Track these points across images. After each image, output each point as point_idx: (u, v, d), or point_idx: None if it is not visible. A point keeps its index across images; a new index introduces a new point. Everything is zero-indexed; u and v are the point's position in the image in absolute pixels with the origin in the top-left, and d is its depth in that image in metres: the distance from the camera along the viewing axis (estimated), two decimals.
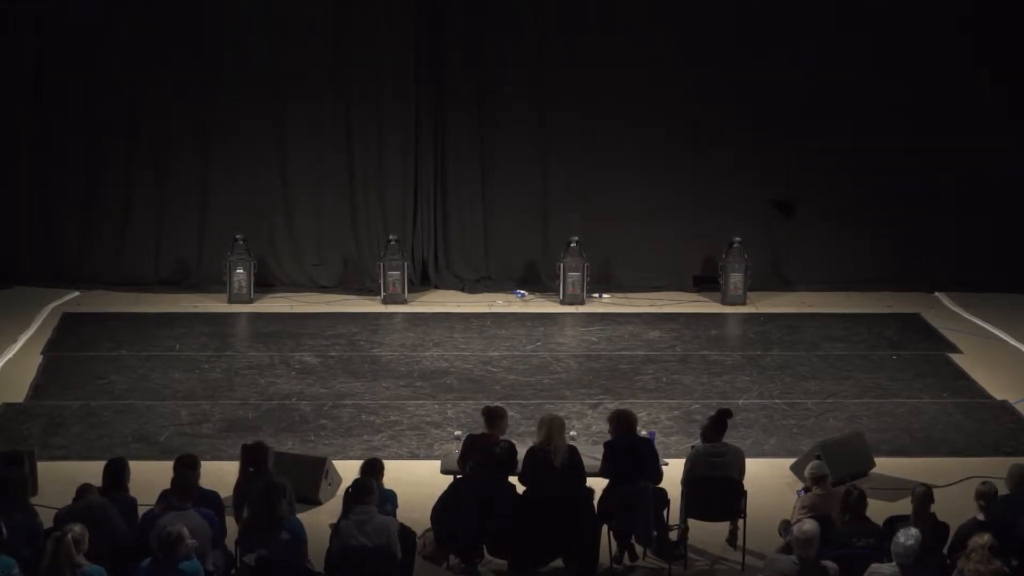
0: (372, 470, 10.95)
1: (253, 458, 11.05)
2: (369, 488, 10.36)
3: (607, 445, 11.41)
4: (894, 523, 10.28)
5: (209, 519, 10.06)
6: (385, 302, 18.88)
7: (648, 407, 14.66)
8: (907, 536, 9.42)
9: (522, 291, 19.54)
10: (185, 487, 10.20)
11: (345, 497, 10.50)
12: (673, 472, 11.62)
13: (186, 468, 10.61)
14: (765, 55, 19.22)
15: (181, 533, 9.38)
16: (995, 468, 12.71)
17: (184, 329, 17.69)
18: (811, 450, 12.96)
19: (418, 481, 12.46)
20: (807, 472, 11.34)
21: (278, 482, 10.31)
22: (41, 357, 16.54)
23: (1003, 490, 10.78)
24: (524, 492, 11.20)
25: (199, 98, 19.26)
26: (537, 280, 19.74)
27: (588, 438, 13.62)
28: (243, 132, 19.36)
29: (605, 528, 11.29)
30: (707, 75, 19.28)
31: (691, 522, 11.46)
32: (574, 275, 18.95)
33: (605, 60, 19.22)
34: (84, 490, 10.33)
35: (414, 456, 13.61)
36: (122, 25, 18.96)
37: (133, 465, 10.84)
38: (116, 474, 10.60)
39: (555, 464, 11.05)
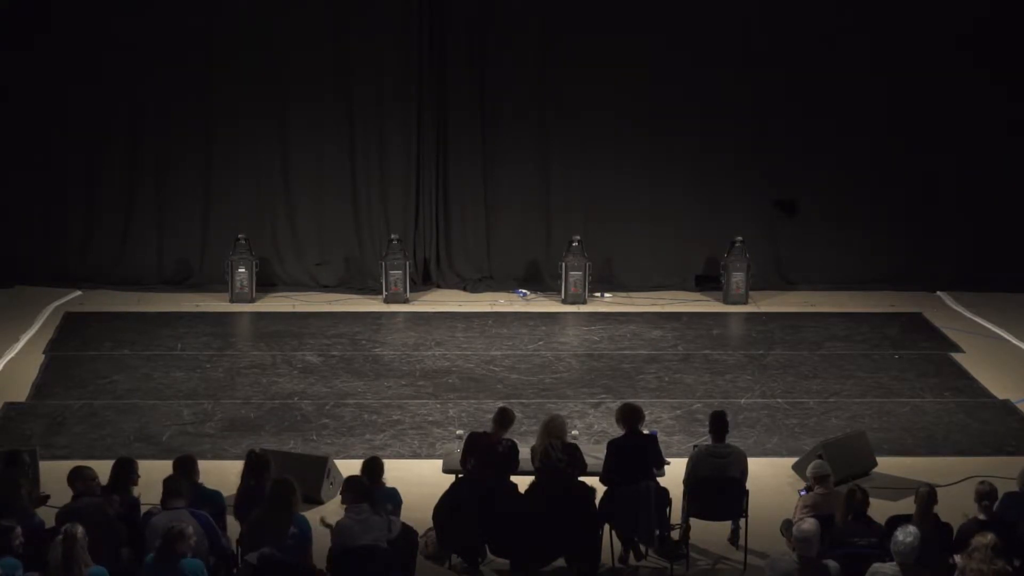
0: (371, 469, 10.96)
1: (256, 468, 10.98)
2: (359, 486, 10.38)
3: (611, 444, 11.40)
4: (896, 523, 10.28)
5: (202, 520, 10.05)
6: (387, 301, 18.88)
7: (650, 406, 14.61)
8: (906, 534, 9.43)
9: (524, 290, 19.54)
10: (176, 488, 10.19)
11: (341, 497, 10.52)
12: (675, 471, 11.62)
13: (179, 469, 10.61)
14: (767, 55, 19.22)
15: (183, 530, 9.39)
16: (997, 468, 12.73)
17: (186, 328, 17.70)
18: (813, 449, 12.96)
19: (420, 480, 12.46)
20: (809, 471, 11.35)
21: (290, 481, 10.31)
22: (43, 356, 16.54)
23: (1009, 488, 10.79)
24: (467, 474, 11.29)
25: (201, 98, 19.26)
26: (539, 279, 19.73)
27: (590, 437, 13.63)
28: (245, 132, 19.37)
29: (607, 527, 11.29)
30: (709, 75, 19.27)
31: (693, 521, 11.47)
32: (576, 274, 18.94)
33: (607, 60, 19.20)
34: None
35: (416, 455, 13.62)
36: (124, 24, 18.95)
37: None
38: (121, 473, 10.61)
39: (535, 464, 11.11)
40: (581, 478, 11.26)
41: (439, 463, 12.12)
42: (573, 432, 12.74)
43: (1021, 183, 19.43)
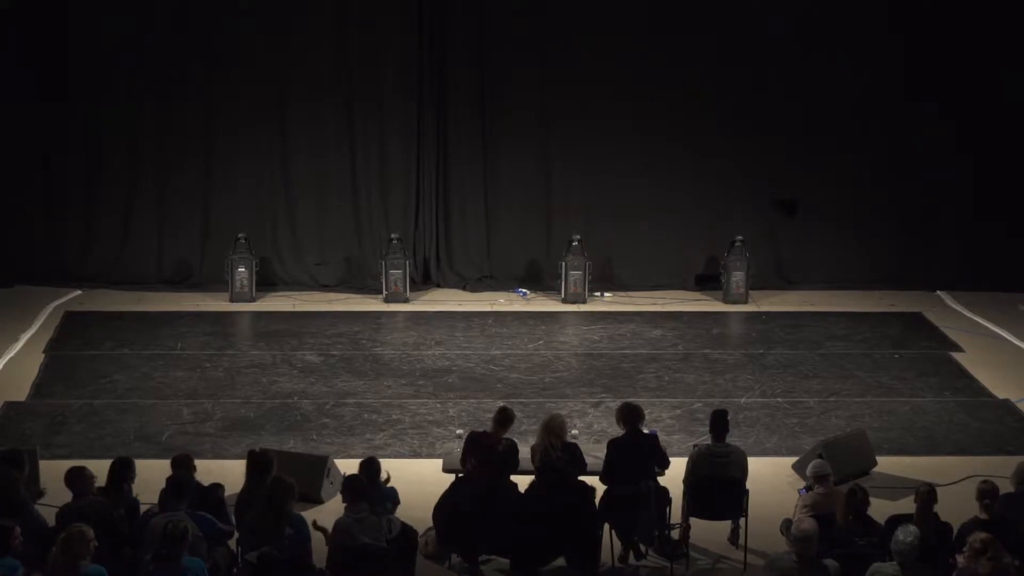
0: (369, 469, 10.97)
1: (259, 468, 10.98)
2: (359, 485, 10.39)
3: (611, 443, 11.40)
4: (896, 523, 10.27)
5: (200, 520, 10.05)
6: (387, 301, 18.88)
7: (650, 406, 14.59)
8: (906, 533, 9.44)
9: (524, 290, 19.54)
10: (178, 488, 10.20)
11: (342, 496, 10.54)
12: (675, 471, 11.62)
13: (179, 469, 10.62)
14: (767, 55, 19.22)
15: (183, 530, 9.40)
16: (997, 467, 12.72)
17: (186, 328, 17.70)
18: (813, 449, 12.96)
19: (420, 480, 12.46)
20: (809, 471, 11.35)
21: (287, 481, 10.31)
22: (43, 356, 16.54)
23: (1008, 488, 10.79)
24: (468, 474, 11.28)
25: (201, 97, 19.27)
26: (539, 279, 19.73)
27: (590, 436, 13.63)
28: (245, 131, 19.37)
29: (607, 527, 11.29)
30: (709, 74, 19.27)
31: (693, 521, 11.47)
32: (576, 274, 18.94)
33: (607, 59, 19.21)
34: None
35: (416, 455, 13.62)
36: (124, 24, 18.95)
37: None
38: (120, 473, 10.61)
39: (535, 463, 11.12)
40: (581, 478, 11.26)
41: (439, 463, 12.12)
42: (573, 431, 12.74)
43: (1021, 182, 19.42)
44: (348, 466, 12.38)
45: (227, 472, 11.99)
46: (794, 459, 13.28)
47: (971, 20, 19.01)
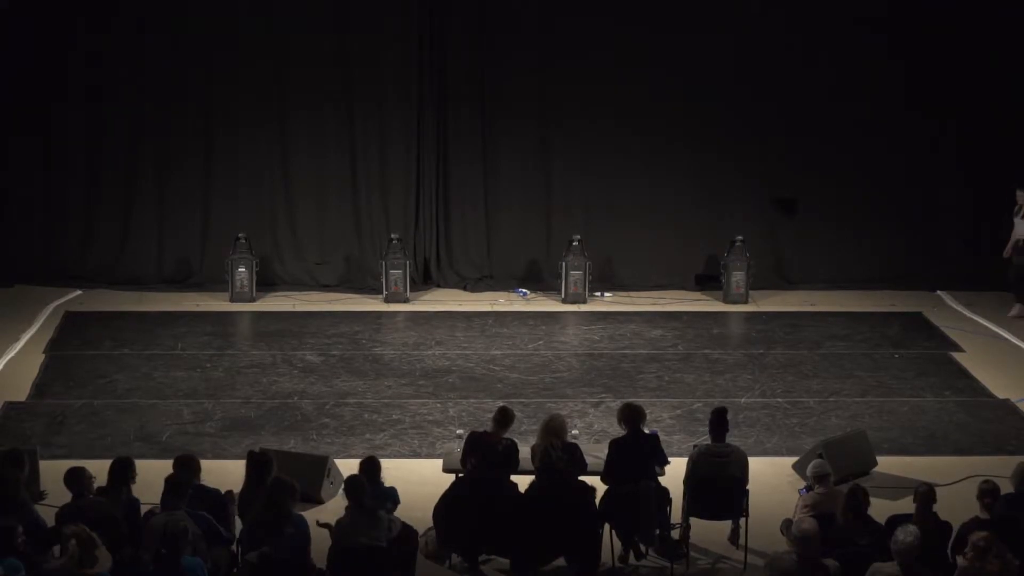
0: (369, 469, 10.97)
1: (258, 468, 10.99)
2: (360, 485, 10.39)
3: (613, 443, 11.40)
4: (896, 522, 10.27)
5: (199, 520, 10.04)
6: (387, 301, 18.88)
7: (650, 406, 14.57)
8: (906, 533, 9.44)
9: (524, 290, 19.53)
10: (177, 488, 10.19)
11: (344, 494, 10.55)
12: (675, 471, 11.62)
13: (180, 468, 10.62)
14: (766, 55, 19.22)
15: (182, 530, 9.40)
16: (997, 467, 12.71)
17: (186, 328, 17.69)
18: (813, 449, 12.97)
19: (420, 480, 12.47)
20: (809, 471, 11.36)
21: (288, 481, 10.31)
22: (43, 356, 16.54)
23: (1008, 488, 10.79)
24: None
25: (202, 97, 19.27)
26: (539, 279, 19.73)
27: (591, 436, 13.63)
28: (246, 131, 19.36)
29: (607, 527, 11.30)
30: (709, 74, 19.27)
31: (693, 521, 11.47)
32: (576, 274, 18.94)
33: (607, 60, 19.21)
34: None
35: (416, 455, 13.62)
36: (124, 24, 18.96)
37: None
38: (120, 473, 10.61)
39: (535, 464, 11.12)
40: (581, 478, 11.26)
41: (439, 463, 12.13)
42: (573, 431, 12.74)
43: (1021, 182, 19.41)
44: (348, 466, 12.39)
45: (227, 472, 11.99)
46: (794, 459, 13.28)
47: (972, 22, 19.01)
